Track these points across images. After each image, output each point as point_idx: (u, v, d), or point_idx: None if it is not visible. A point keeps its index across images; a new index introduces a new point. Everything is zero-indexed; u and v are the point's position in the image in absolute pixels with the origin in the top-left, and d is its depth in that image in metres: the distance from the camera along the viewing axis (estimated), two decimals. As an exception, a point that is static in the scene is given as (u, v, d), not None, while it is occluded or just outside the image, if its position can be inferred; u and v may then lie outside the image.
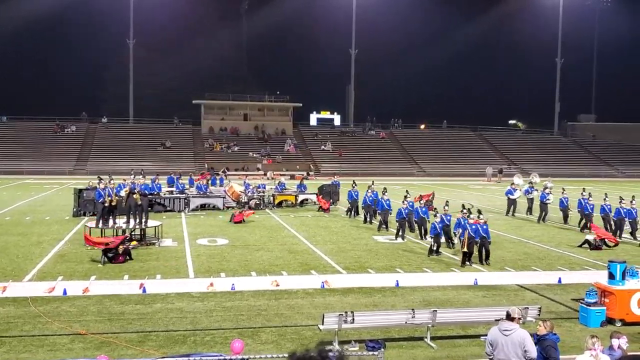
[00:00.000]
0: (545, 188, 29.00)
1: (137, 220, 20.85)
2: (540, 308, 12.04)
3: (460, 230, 18.73)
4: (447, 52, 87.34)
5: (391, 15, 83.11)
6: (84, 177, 48.27)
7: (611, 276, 13.09)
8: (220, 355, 9.43)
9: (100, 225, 20.57)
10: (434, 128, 78.91)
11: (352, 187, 28.95)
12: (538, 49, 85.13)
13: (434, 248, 19.54)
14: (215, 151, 65.48)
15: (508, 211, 30.23)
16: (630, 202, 23.59)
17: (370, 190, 26.65)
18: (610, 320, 12.72)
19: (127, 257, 17.78)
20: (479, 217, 18.82)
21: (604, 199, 24.92)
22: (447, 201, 22.46)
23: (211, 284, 15.16)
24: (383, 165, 64.16)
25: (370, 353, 10.09)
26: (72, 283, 15.05)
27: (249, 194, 31.01)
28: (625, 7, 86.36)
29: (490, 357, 8.54)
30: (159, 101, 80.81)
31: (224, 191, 31.75)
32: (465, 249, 18.07)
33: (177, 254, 19.14)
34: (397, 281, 15.82)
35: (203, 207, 30.42)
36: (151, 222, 21.52)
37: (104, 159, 59.84)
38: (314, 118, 78.91)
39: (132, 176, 32.23)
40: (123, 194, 21.45)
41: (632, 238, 23.31)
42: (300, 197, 32.92)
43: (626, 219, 23.61)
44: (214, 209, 30.18)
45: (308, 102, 74.90)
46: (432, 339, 11.55)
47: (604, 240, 21.46)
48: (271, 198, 32.07)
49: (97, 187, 21.86)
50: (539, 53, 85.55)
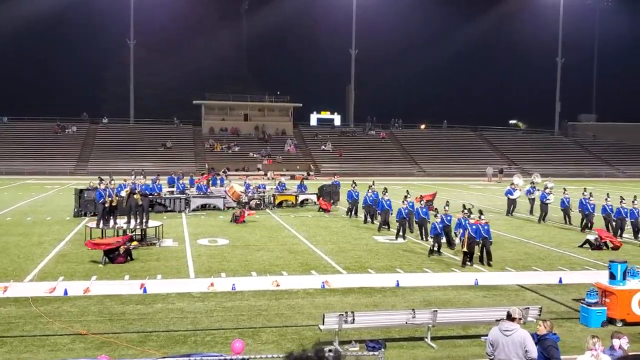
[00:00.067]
0: (546, 188, 29.01)
1: (138, 221, 20.87)
2: (541, 308, 12.04)
3: (461, 231, 18.72)
4: (447, 52, 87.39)
5: (391, 15, 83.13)
6: (85, 177, 48.33)
7: (612, 276, 13.09)
8: (221, 356, 9.43)
9: (100, 225, 20.60)
10: (434, 128, 78.87)
11: (353, 188, 28.95)
12: (538, 49, 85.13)
13: (435, 248, 19.54)
14: (215, 151, 65.48)
15: (508, 211, 30.29)
16: (632, 202, 23.56)
17: (370, 191, 26.66)
18: (611, 321, 12.72)
19: (128, 257, 17.80)
20: (480, 217, 18.80)
21: (606, 199, 24.91)
22: (447, 201, 22.46)
23: (212, 284, 15.17)
24: (383, 165, 64.12)
25: (371, 353, 10.10)
26: (73, 283, 15.06)
27: (250, 194, 31.03)
28: (626, 7, 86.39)
29: (491, 358, 8.54)
30: (160, 101, 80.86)
31: (225, 191, 31.77)
32: (466, 249, 18.08)
33: (177, 254, 19.15)
34: (397, 281, 15.83)
35: (204, 207, 30.44)
36: (152, 223, 21.53)
37: (104, 159, 59.90)
38: (314, 118, 78.93)
39: (132, 176, 32.27)
40: (124, 194, 21.48)
41: (634, 238, 23.28)
42: (301, 197, 32.94)
43: (627, 219, 23.61)
44: (214, 209, 30.20)
45: (308, 102, 74.97)
46: (433, 339, 11.56)
47: (605, 241, 21.43)
48: (271, 198, 32.09)
49: (98, 187, 21.89)
50: (539, 53, 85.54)
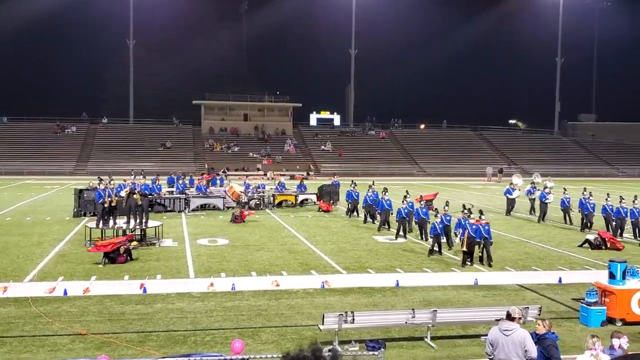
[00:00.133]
0: (545, 188, 29.02)
1: (138, 221, 20.86)
2: (540, 308, 12.04)
3: (461, 230, 18.71)
4: (447, 52, 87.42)
5: (391, 15, 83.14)
6: (85, 177, 48.34)
7: (612, 276, 13.09)
8: (221, 356, 9.43)
9: (100, 225, 20.59)
10: (434, 128, 78.92)
11: (352, 188, 28.91)
12: (538, 49, 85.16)
13: (435, 248, 19.53)
14: (215, 151, 65.49)
15: (508, 211, 30.31)
16: (633, 202, 23.52)
17: (370, 190, 26.66)
18: (610, 320, 12.72)
19: (128, 257, 17.80)
20: (480, 217, 18.76)
21: (606, 199, 24.89)
22: (447, 201, 22.45)
23: (211, 284, 15.17)
24: (383, 165, 64.13)
25: (371, 353, 10.10)
26: (73, 283, 15.05)
27: (249, 194, 31.04)
28: (625, 7, 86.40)
29: (491, 357, 8.53)
30: (159, 101, 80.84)
31: (224, 191, 31.78)
32: (465, 249, 18.07)
33: (177, 254, 19.14)
34: (397, 281, 15.82)
35: (203, 207, 30.44)
36: (151, 223, 21.52)
37: (104, 159, 59.91)
38: (313, 118, 78.96)
39: (132, 176, 32.26)
40: (123, 194, 21.47)
41: (634, 238, 23.26)
42: (300, 197, 32.95)
43: (627, 219, 23.58)
44: (214, 209, 30.20)
45: (308, 102, 75.03)
46: (433, 338, 11.56)
47: (605, 240, 21.42)
48: (271, 198, 32.09)
49: (97, 187, 21.88)
50: (539, 53, 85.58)
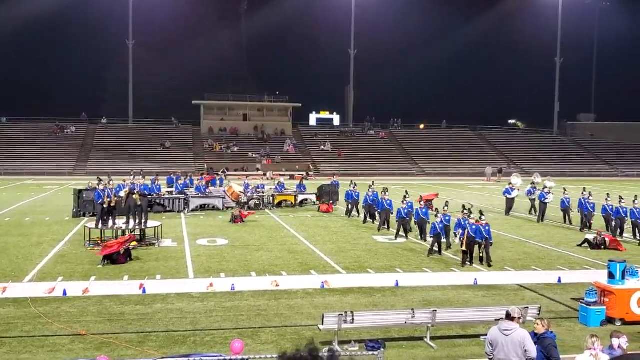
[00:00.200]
0: (545, 187, 29.03)
1: (137, 221, 20.85)
2: (540, 308, 12.04)
3: (460, 231, 18.70)
4: (446, 52, 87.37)
5: (391, 15, 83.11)
6: (84, 177, 48.30)
7: (611, 276, 13.09)
8: (220, 356, 9.43)
9: (100, 226, 20.58)
10: (434, 128, 78.92)
11: (353, 188, 28.87)
12: (538, 49, 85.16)
13: (435, 248, 19.53)
14: (214, 151, 65.49)
15: (507, 211, 30.33)
16: (633, 202, 23.50)
17: (371, 190, 26.65)
18: (610, 320, 12.72)
19: (128, 257, 17.80)
20: (480, 218, 18.69)
21: (606, 199, 24.88)
22: (446, 202, 22.44)
23: (211, 284, 15.16)
24: (382, 165, 64.12)
25: (370, 353, 10.10)
26: (72, 284, 15.05)
27: (249, 194, 31.04)
28: (625, 7, 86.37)
29: (490, 357, 8.54)
30: (159, 101, 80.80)
31: (224, 191, 31.79)
32: (465, 248, 18.06)
33: (176, 255, 19.14)
34: (396, 281, 15.82)
35: (203, 207, 30.43)
36: (151, 223, 21.52)
37: (103, 159, 59.88)
38: (313, 118, 78.95)
39: (131, 177, 32.27)
40: (122, 194, 21.45)
41: (634, 237, 23.26)
42: (300, 197, 32.95)
43: (627, 218, 23.57)
44: (213, 210, 30.19)
45: (307, 102, 75.01)
46: (432, 338, 11.56)
47: (604, 240, 21.41)
48: (271, 198, 32.09)
49: (97, 188, 21.87)
50: (538, 53, 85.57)
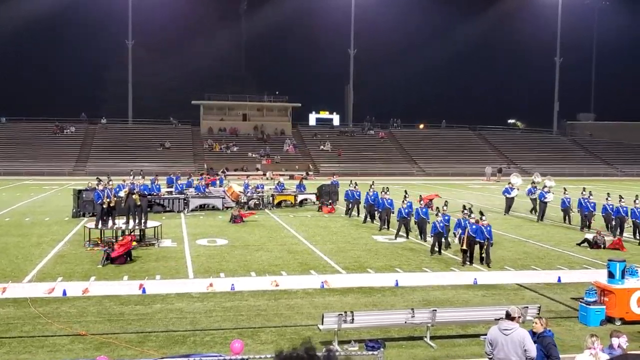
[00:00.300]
0: (545, 187, 29.03)
1: (137, 221, 20.84)
2: (539, 307, 12.04)
3: (460, 230, 18.69)
4: (447, 52, 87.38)
5: (391, 15, 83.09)
6: (84, 178, 48.27)
7: (611, 275, 13.08)
8: (220, 356, 9.42)
9: (99, 226, 20.56)
10: (433, 128, 78.93)
11: (354, 187, 28.81)
12: (537, 49, 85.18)
13: (436, 248, 19.53)
14: (214, 151, 65.49)
15: (506, 210, 30.35)
16: (634, 201, 23.48)
17: (372, 190, 26.65)
18: (609, 319, 12.72)
19: (127, 257, 17.79)
20: (481, 218, 18.61)
21: (606, 199, 24.87)
22: (446, 201, 22.42)
23: (211, 284, 15.16)
24: (382, 165, 64.14)
25: (370, 353, 10.10)
26: (72, 284, 15.04)
27: (248, 194, 31.03)
28: (625, 7, 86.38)
29: (490, 357, 8.54)
30: (159, 101, 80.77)
31: (223, 191, 31.79)
32: (465, 247, 18.05)
33: (176, 255, 19.13)
34: (396, 281, 15.82)
35: (202, 207, 30.43)
36: (150, 223, 21.52)
37: (103, 159, 59.86)
38: (313, 118, 78.94)
39: (131, 177, 32.26)
40: (122, 194, 21.43)
41: (634, 237, 23.26)
42: (300, 197, 32.95)
43: (627, 218, 23.56)
44: (213, 210, 30.19)
45: (307, 102, 75.06)
46: (432, 338, 11.56)
47: (604, 240, 21.40)
48: (270, 198, 32.08)
49: (96, 188, 21.86)
50: (538, 53, 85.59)
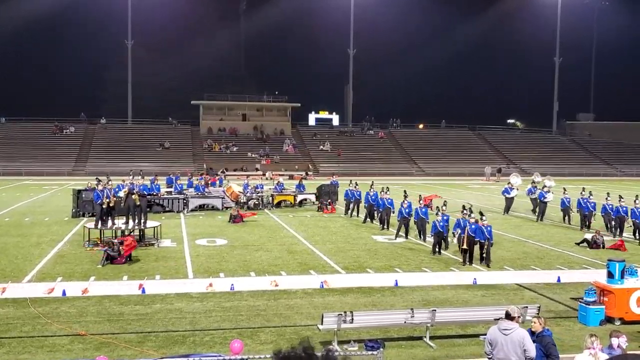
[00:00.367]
0: (544, 186, 29.04)
1: (136, 221, 20.84)
2: (539, 307, 12.04)
3: (459, 230, 18.69)
4: (446, 52, 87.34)
5: (390, 15, 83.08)
6: (83, 178, 48.24)
7: (610, 275, 13.09)
8: (220, 356, 9.43)
9: (99, 226, 20.56)
10: (433, 128, 78.94)
11: (354, 187, 28.78)
12: (537, 49, 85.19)
13: (437, 248, 19.54)
14: (214, 151, 65.48)
15: (506, 210, 30.37)
16: (634, 201, 23.49)
17: (372, 190, 26.66)
18: (609, 319, 12.72)
19: (127, 257, 17.79)
20: (481, 218, 18.60)
21: (606, 199, 24.88)
22: (445, 201, 22.42)
23: (210, 285, 15.16)
24: (382, 165, 64.14)
25: (370, 353, 10.10)
26: (72, 284, 15.04)
27: (248, 194, 31.02)
28: (624, 7, 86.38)
29: (490, 357, 8.54)
30: (158, 101, 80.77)
31: (223, 191, 31.78)
32: (465, 247, 18.05)
33: (176, 255, 19.14)
34: (396, 281, 15.82)
35: (202, 207, 30.42)
36: (150, 223, 21.52)
37: (103, 159, 59.85)
38: (312, 118, 78.94)
39: (131, 177, 32.24)
40: (122, 194, 21.43)
41: (633, 236, 23.27)
42: (299, 197, 32.94)
43: (627, 217, 23.56)
44: (212, 210, 30.19)
45: (307, 102, 75.05)
46: (431, 338, 11.56)
47: (603, 241, 21.40)
48: (270, 198, 32.08)
49: (96, 188, 21.86)
50: (538, 53, 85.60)
